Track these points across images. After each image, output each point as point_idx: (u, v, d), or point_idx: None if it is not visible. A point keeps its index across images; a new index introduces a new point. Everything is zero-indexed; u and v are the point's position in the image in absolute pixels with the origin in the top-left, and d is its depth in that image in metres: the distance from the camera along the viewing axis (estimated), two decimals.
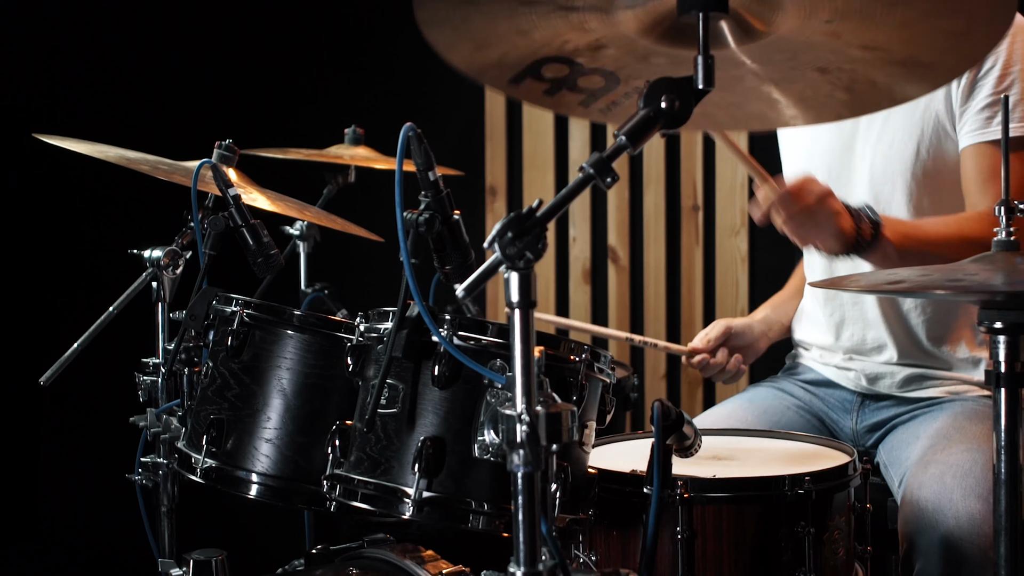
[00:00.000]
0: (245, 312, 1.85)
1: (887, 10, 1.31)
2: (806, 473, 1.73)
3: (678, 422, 1.64)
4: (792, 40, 1.39)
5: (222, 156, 2.26)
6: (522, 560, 1.28)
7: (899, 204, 2.25)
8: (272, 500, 1.84)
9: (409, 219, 1.56)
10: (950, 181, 2.22)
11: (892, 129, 2.25)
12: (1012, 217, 1.52)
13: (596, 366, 1.67)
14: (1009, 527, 1.52)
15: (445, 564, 1.95)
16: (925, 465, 2.08)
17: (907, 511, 2.04)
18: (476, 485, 1.58)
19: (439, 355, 1.58)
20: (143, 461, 2.16)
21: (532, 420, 1.25)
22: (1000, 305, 1.48)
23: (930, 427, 2.21)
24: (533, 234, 1.27)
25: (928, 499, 2.00)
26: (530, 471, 1.27)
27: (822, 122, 1.54)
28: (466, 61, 1.43)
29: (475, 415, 1.57)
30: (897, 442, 2.27)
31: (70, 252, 3.57)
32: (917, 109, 2.22)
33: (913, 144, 2.23)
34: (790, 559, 1.72)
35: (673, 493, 1.70)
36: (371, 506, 1.61)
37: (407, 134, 1.53)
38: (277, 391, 1.82)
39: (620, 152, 1.32)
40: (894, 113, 2.23)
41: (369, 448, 1.64)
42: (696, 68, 1.33)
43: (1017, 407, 1.51)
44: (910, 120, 2.23)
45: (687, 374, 3.83)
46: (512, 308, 1.27)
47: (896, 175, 2.25)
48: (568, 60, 1.40)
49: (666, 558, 1.73)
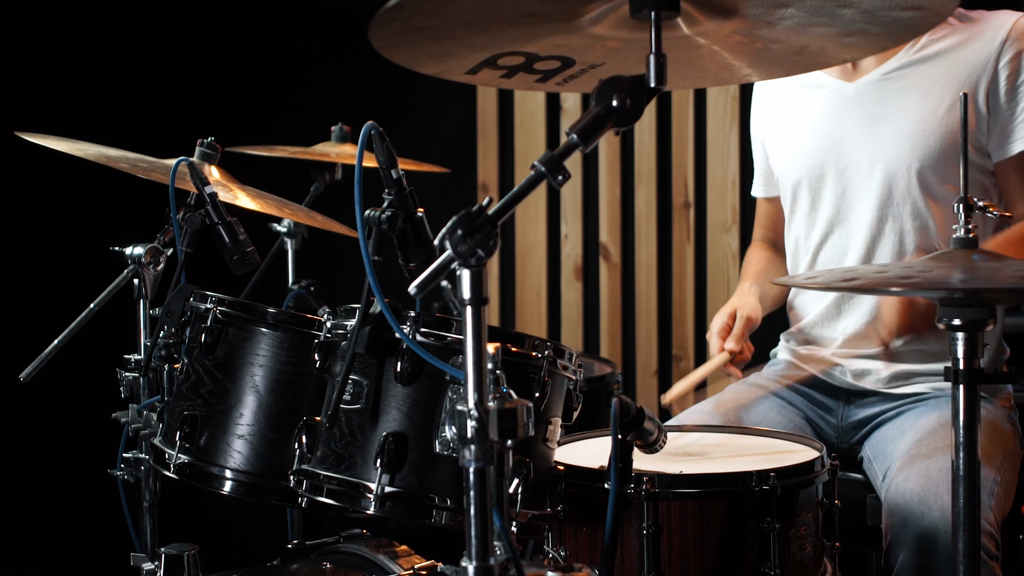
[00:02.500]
0: (218, 309, 1.86)
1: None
2: (771, 469, 1.74)
3: (638, 418, 1.65)
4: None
5: (204, 154, 2.28)
6: (474, 554, 1.30)
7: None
8: (245, 496, 1.85)
9: (371, 216, 1.58)
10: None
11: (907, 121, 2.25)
12: (971, 214, 1.52)
13: (559, 363, 1.68)
14: (968, 522, 1.52)
15: (418, 559, 1.97)
16: (911, 460, 2.08)
17: (892, 504, 2.04)
18: (439, 480, 1.59)
19: (402, 352, 1.60)
20: (125, 457, 2.18)
21: (481, 416, 1.27)
22: (958, 302, 1.49)
23: (916, 423, 2.21)
24: (484, 232, 1.28)
25: (914, 492, 2.00)
26: (481, 466, 1.28)
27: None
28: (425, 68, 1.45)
29: (437, 411, 1.59)
30: (882, 438, 2.27)
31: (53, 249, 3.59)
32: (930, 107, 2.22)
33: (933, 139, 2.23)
34: (756, 555, 1.73)
35: (638, 489, 1.71)
36: (336, 501, 1.62)
37: (368, 132, 1.54)
38: (250, 388, 1.84)
39: (572, 150, 1.32)
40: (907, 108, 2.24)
41: (334, 444, 1.65)
42: (648, 66, 1.34)
43: (976, 404, 1.52)
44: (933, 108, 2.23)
45: (678, 371, 3.84)
46: (464, 305, 1.29)
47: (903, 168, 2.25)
48: (524, 52, 1.41)
49: (632, 554, 1.74)
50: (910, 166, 2.23)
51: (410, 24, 1.30)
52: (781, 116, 2.49)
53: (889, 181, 2.26)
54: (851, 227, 2.32)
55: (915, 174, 2.23)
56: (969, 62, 2.21)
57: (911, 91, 2.25)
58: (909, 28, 1.33)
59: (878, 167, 2.26)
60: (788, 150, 2.46)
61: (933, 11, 1.29)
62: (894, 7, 1.28)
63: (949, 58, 2.23)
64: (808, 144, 2.38)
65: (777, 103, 2.51)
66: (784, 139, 2.48)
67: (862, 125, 2.30)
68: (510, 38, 1.38)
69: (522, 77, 1.46)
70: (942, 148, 2.20)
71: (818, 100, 2.38)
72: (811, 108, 2.39)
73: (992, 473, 2.08)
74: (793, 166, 2.43)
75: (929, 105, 2.22)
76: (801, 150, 2.41)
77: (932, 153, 2.21)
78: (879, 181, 2.27)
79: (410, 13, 1.26)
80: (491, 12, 1.30)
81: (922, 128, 2.21)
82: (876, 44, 1.37)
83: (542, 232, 3.94)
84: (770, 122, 2.54)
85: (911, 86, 2.25)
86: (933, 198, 2.23)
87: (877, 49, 1.41)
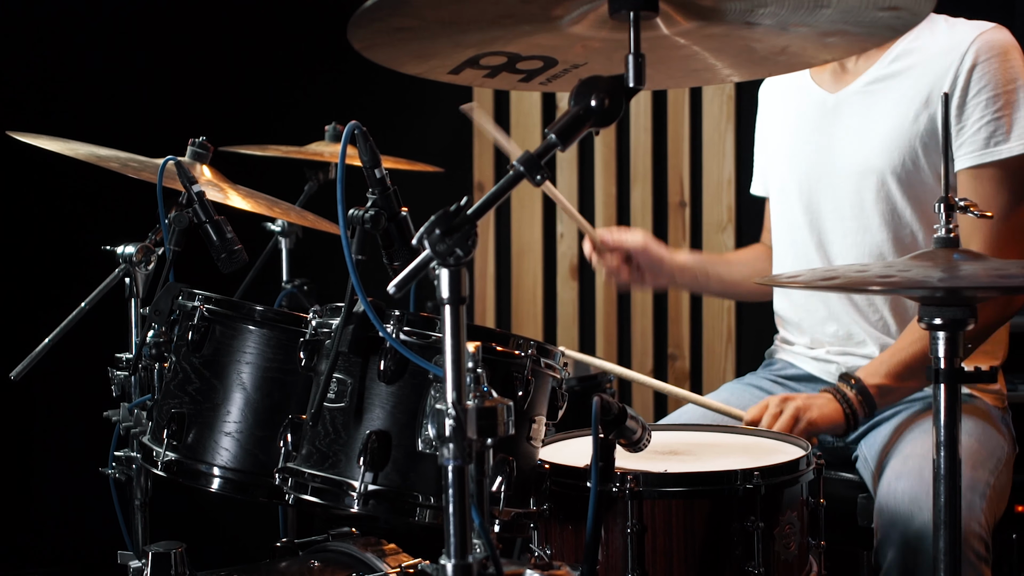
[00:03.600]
0: (205, 307, 1.87)
1: None
2: (755, 468, 1.74)
3: (620, 417, 1.65)
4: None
5: (195, 153, 2.29)
6: (453, 552, 1.30)
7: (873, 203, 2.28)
8: (233, 494, 1.86)
9: (354, 216, 1.58)
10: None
11: (877, 131, 2.27)
12: (952, 214, 1.53)
13: (544, 361, 1.68)
14: (948, 521, 1.53)
15: (406, 557, 1.98)
16: (905, 459, 2.08)
17: (883, 503, 2.04)
18: (422, 479, 1.60)
19: (386, 350, 1.60)
20: (117, 455, 2.18)
21: (459, 414, 1.27)
22: (939, 301, 1.49)
23: (911, 422, 2.22)
24: (463, 231, 1.29)
25: (906, 491, 2.01)
26: (459, 464, 1.29)
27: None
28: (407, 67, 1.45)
29: (421, 410, 1.59)
30: (877, 437, 2.27)
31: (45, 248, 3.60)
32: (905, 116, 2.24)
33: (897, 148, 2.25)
34: (740, 553, 1.73)
35: (623, 488, 1.71)
36: (320, 499, 1.63)
37: (351, 131, 1.55)
38: (237, 385, 1.84)
39: (550, 150, 1.33)
40: (879, 115, 2.27)
41: (318, 442, 1.66)
42: (627, 66, 1.34)
43: (957, 403, 1.52)
44: (898, 120, 2.25)
45: (674, 372, 3.84)
46: (442, 304, 1.29)
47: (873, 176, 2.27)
48: (506, 53, 1.42)
49: (617, 552, 1.74)
50: (884, 172, 2.26)
51: (389, 24, 1.30)
52: (775, 118, 2.53)
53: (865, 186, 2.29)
54: (828, 232, 2.36)
55: (891, 180, 2.25)
56: (932, 74, 2.23)
57: (884, 103, 2.29)
58: (889, 28, 1.34)
59: (856, 175, 2.30)
60: (775, 153, 2.50)
61: (911, 11, 1.29)
62: (872, 7, 1.29)
63: (917, 71, 2.26)
64: (793, 150, 2.42)
65: (774, 104, 2.56)
66: (772, 142, 2.52)
67: (839, 136, 2.34)
68: (491, 38, 1.39)
69: (505, 77, 1.46)
70: (912, 155, 2.23)
71: (805, 108, 2.41)
72: (798, 115, 2.43)
73: (985, 475, 2.09)
74: (779, 170, 2.46)
75: (899, 116, 2.26)
76: (785, 156, 2.46)
77: (906, 160, 2.24)
78: (855, 187, 2.30)
79: (387, 14, 1.26)
80: (469, 12, 1.31)
81: (894, 136, 2.25)
82: (857, 44, 1.37)
83: (538, 232, 3.94)
84: (766, 123, 2.58)
85: (884, 98, 2.29)
86: (910, 202, 2.26)
87: (858, 49, 1.42)
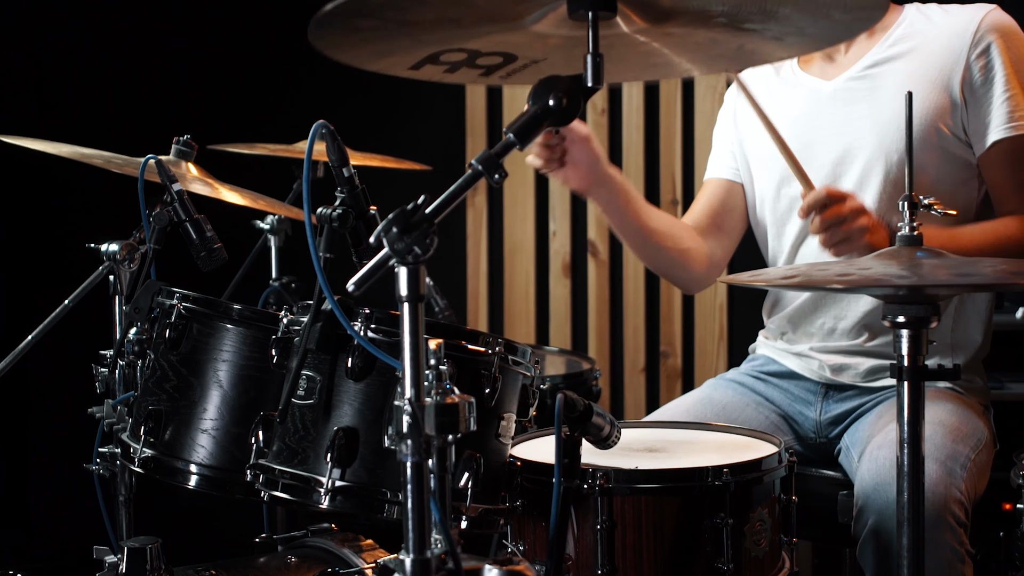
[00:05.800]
0: (182, 305, 1.89)
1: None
2: (725, 465, 1.75)
3: (586, 414, 1.66)
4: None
5: (180, 151, 2.30)
6: (411, 547, 1.32)
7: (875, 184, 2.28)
8: (209, 490, 1.87)
9: (323, 215, 1.60)
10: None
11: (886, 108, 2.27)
12: (915, 211, 1.53)
13: (512, 359, 1.69)
14: (912, 517, 1.53)
15: (382, 553, 2.00)
16: (886, 437, 2.09)
17: (864, 473, 2.05)
18: (389, 475, 1.61)
19: (354, 348, 1.62)
20: (101, 451, 2.20)
21: (415, 411, 1.28)
22: (902, 299, 1.50)
23: (893, 410, 2.22)
24: (421, 230, 1.30)
25: (887, 458, 2.01)
26: (417, 460, 1.30)
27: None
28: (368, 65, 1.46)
29: (388, 407, 1.61)
30: (860, 426, 2.28)
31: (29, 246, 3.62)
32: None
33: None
34: (710, 550, 1.74)
35: (593, 484, 1.72)
36: (290, 495, 1.65)
37: (318, 130, 1.56)
38: (214, 383, 1.86)
39: (508, 149, 1.34)
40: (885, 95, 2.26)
41: (288, 439, 1.67)
42: (586, 66, 1.35)
43: (920, 400, 1.53)
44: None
45: (666, 370, 3.85)
46: (401, 302, 1.30)
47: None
48: (466, 49, 1.43)
49: (587, 548, 1.75)
50: (889, 159, 2.24)
51: (349, 25, 1.32)
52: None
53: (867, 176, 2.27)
54: None
55: (894, 167, 2.24)
56: (941, 56, 2.23)
57: (886, 88, 2.27)
58: (844, 29, 1.34)
59: (856, 163, 2.28)
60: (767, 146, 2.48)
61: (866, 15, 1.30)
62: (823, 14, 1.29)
63: (923, 53, 2.25)
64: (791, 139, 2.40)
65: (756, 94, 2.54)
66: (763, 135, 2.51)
67: (838, 123, 2.31)
68: (451, 36, 1.40)
69: (465, 72, 1.47)
70: (931, 130, 2.22)
71: (797, 98, 2.40)
72: (790, 106, 2.41)
73: (966, 450, 2.09)
74: (772, 164, 2.44)
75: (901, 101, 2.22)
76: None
77: (929, 135, 2.22)
78: (856, 178, 2.28)
79: (346, 17, 1.27)
80: (429, 14, 1.32)
81: (897, 123, 2.22)
82: (813, 44, 1.38)
83: (530, 229, 3.95)
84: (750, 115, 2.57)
85: (885, 83, 2.27)
86: (934, 178, 2.24)
87: (814, 48, 1.42)
